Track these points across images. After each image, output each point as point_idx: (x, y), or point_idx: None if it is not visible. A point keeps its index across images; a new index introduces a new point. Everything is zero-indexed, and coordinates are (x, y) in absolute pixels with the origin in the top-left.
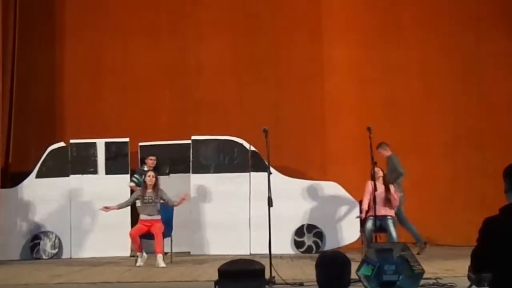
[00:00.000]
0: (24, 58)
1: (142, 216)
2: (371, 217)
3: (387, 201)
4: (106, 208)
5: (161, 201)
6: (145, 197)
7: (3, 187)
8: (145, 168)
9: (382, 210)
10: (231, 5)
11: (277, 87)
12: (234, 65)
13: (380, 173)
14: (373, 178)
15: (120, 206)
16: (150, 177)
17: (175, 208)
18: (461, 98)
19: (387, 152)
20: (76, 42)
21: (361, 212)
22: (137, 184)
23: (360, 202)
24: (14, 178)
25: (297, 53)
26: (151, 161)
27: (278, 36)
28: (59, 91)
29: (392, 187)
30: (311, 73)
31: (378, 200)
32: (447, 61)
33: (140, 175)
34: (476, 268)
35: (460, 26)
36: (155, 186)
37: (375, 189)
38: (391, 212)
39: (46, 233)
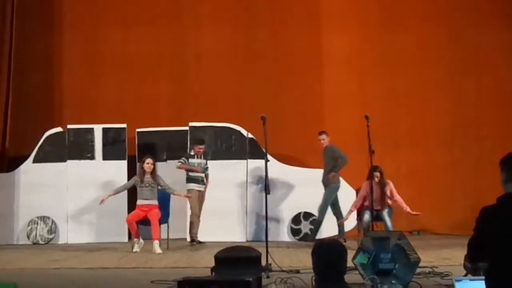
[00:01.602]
0: (22, 44)
1: (139, 201)
2: (368, 209)
3: (383, 201)
4: (103, 200)
5: (159, 187)
6: (143, 182)
7: (0, 171)
8: (192, 153)
9: (378, 205)
10: None
11: (276, 78)
12: (233, 55)
13: (378, 175)
14: (371, 176)
15: (117, 191)
16: (148, 164)
17: (172, 195)
18: (459, 89)
19: (326, 142)
20: (75, 28)
21: (351, 210)
22: (183, 162)
23: (357, 191)
24: (11, 163)
25: (296, 44)
26: (198, 148)
27: (277, 26)
28: (57, 77)
29: (389, 187)
30: (310, 64)
31: (374, 193)
32: (446, 52)
33: (187, 158)
34: (472, 257)
35: (460, 16)
36: (153, 172)
37: (371, 188)
38: (387, 204)
39: (43, 218)
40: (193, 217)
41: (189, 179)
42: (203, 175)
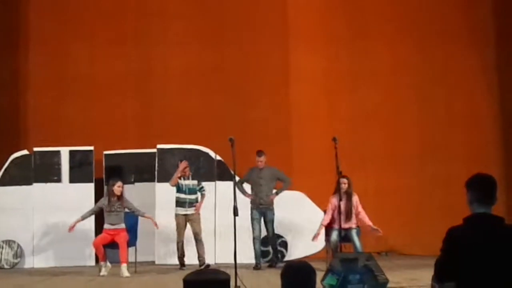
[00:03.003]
0: None
1: (106, 225)
2: (336, 228)
3: (350, 213)
4: (72, 228)
5: (126, 210)
6: (110, 207)
7: None
8: (180, 176)
9: (346, 224)
10: (198, 14)
11: (243, 97)
12: (200, 74)
13: (346, 183)
14: (338, 188)
15: (84, 217)
16: (119, 187)
17: (140, 217)
18: (429, 109)
19: (263, 163)
20: (41, 49)
21: (322, 224)
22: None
23: (325, 212)
24: None
25: (263, 63)
26: (187, 170)
27: (245, 45)
28: (22, 98)
29: (355, 198)
30: (277, 83)
31: (343, 205)
32: (414, 74)
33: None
34: (439, 277)
35: (429, 37)
36: (121, 195)
37: (340, 199)
38: (355, 223)
39: (8, 242)
40: (177, 242)
41: (176, 203)
42: (192, 197)
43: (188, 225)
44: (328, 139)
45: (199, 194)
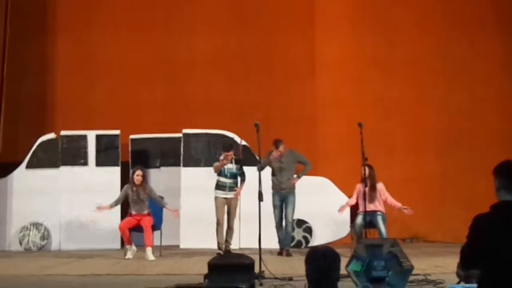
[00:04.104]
0: (15, 50)
1: (132, 211)
2: (361, 213)
3: (375, 197)
4: (99, 209)
5: (148, 199)
6: (134, 196)
7: None
8: (221, 158)
9: (371, 205)
10: (225, 2)
11: (269, 84)
12: (227, 61)
13: (367, 172)
14: (364, 174)
15: (111, 206)
16: (138, 176)
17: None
18: (452, 97)
19: (282, 152)
20: (69, 34)
21: (345, 204)
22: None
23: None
24: (4, 169)
25: (289, 50)
26: (226, 155)
27: (271, 32)
28: (50, 83)
29: (380, 186)
30: (303, 70)
31: (367, 197)
32: (439, 60)
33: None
34: (465, 265)
35: (453, 25)
36: (142, 183)
37: (365, 185)
38: (381, 208)
39: (35, 224)
40: (216, 225)
41: (216, 186)
42: (232, 181)
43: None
44: (353, 126)
45: (239, 178)
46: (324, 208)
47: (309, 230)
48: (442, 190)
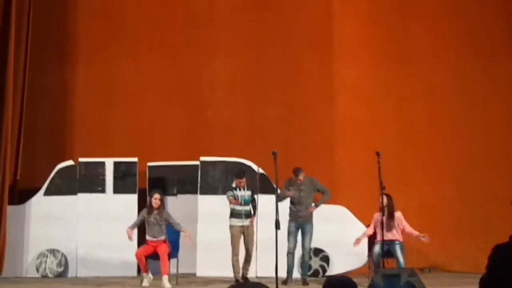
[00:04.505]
0: (35, 76)
1: (148, 237)
2: (379, 242)
3: (393, 226)
4: (130, 236)
5: (166, 223)
6: (150, 219)
7: (11, 203)
8: (234, 185)
9: (389, 235)
10: (244, 25)
11: (287, 108)
12: (245, 85)
13: (385, 201)
14: (382, 203)
15: (131, 228)
16: (156, 200)
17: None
18: (469, 123)
19: (302, 180)
20: (88, 60)
21: (362, 236)
22: (233, 197)
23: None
24: (23, 195)
25: (308, 74)
26: (238, 181)
27: (290, 56)
28: (69, 109)
29: (398, 214)
30: (321, 95)
31: (384, 226)
32: (456, 86)
33: (232, 191)
34: None
35: (469, 51)
36: (160, 208)
37: (382, 214)
38: (399, 237)
39: (52, 251)
40: (232, 255)
41: (232, 214)
42: (247, 208)
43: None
44: (371, 154)
45: (251, 205)
46: (342, 237)
47: (326, 259)
48: (460, 219)
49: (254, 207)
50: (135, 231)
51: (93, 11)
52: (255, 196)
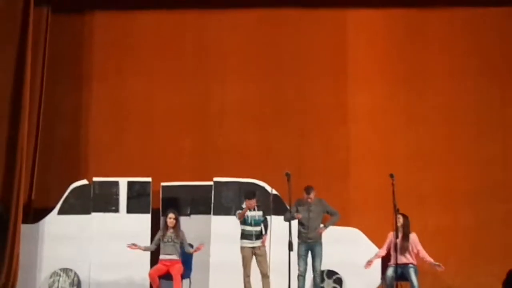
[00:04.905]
0: (50, 97)
1: (162, 256)
2: (392, 265)
3: (407, 251)
4: (134, 246)
5: (180, 242)
6: (165, 237)
7: (25, 222)
8: (243, 206)
9: (403, 258)
10: (257, 49)
11: (300, 133)
12: (258, 110)
13: (401, 221)
14: (396, 224)
15: (146, 249)
16: (171, 219)
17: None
18: (485, 149)
19: (312, 199)
20: (103, 82)
21: (374, 257)
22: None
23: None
24: (37, 214)
25: (321, 100)
26: (249, 203)
27: (303, 82)
28: (83, 130)
29: (413, 237)
30: (335, 121)
31: (398, 248)
32: (471, 112)
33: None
34: None
35: (485, 77)
36: (176, 227)
37: (396, 236)
38: (413, 260)
39: (65, 270)
40: (244, 277)
41: (242, 235)
42: (257, 229)
43: (254, 261)
44: (385, 176)
45: (262, 225)
46: (355, 259)
47: (339, 281)
48: (476, 243)
49: (266, 227)
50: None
51: (108, 36)
52: (267, 217)
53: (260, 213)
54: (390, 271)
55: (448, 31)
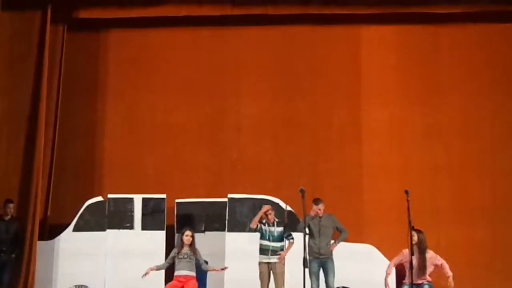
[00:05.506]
0: (66, 114)
1: (177, 272)
2: (407, 284)
3: (423, 269)
4: (145, 275)
5: (196, 259)
6: (181, 254)
7: (41, 239)
8: (264, 221)
9: (418, 279)
10: (272, 66)
11: (315, 150)
12: (273, 126)
13: (415, 238)
14: (410, 242)
15: (159, 268)
16: (187, 236)
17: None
18: (500, 163)
19: (322, 211)
20: (118, 98)
21: (386, 274)
22: (259, 229)
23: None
24: (52, 231)
25: (335, 116)
26: (270, 215)
27: (317, 98)
28: (99, 146)
29: (430, 255)
30: (349, 137)
31: (414, 267)
32: (486, 127)
33: (260, 223)
34: None
35: (499, 91)
36: (192, 244)
37: (412, 253)
38: (428, 278)
39: (80, 287)
40: None
41: (259, 250)
42: (275, 245)
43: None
44: (399, 192)
45: (286, 242)
46: (369, 275)
47: None
48: (492, 260)
49: (290, 243)
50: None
51: (123, 53)
52: (290, 232)
53: (280, 229)
54: None
55: (461, 47)
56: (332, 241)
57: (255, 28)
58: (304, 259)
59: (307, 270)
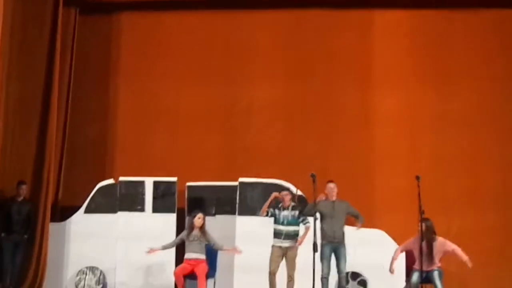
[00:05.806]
0: (78, 97)
1: (187, 255)
2: (417, 270)
3: (431, 255)
4: (152, 250)
5: (207, 243)
6: (191, 236)
7: (53, 221)
8: (279, 205)
9: (428, 264)
10: (284, 51)
11: (326, 135)
12: (284, 111)
13: (423, 226)
14: (420, 229)
15: (165, 247)
16: (199, 219)
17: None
18: (511, 150)
19: (335, 192)
20: (130, 83)
21: (392, 259)
22: (272, 214)
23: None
24: (64, 213)
25: (348, 101)
26: (286, 197)
27: (329, 83)
28: (111, 130)
29: (439, 242)
30: (360, 122)
31: (424, 253)
32: (497, 114)
33: (274, 209)
34: None
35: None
36: (203, 227)
37: (422, 239)
38: (438, 263)
39: (91, 268)
40: (269, 274)
41: (273, 233)
42: (289, 229)
43: (284, 261)
44: (410, 178)
45: (302, 226)
46: (380, 261)
47: (363, 283)
48: (504, 247)
49: (306, 228)
50: (172, 250)
51: (135, 37)
52: (306, 217)
53: (295, 213)
54: (414, 278)
55: (475, 33)
56: (355, 228)
57: (267, 11)
58: (314, 244)
59: (317, 254)
